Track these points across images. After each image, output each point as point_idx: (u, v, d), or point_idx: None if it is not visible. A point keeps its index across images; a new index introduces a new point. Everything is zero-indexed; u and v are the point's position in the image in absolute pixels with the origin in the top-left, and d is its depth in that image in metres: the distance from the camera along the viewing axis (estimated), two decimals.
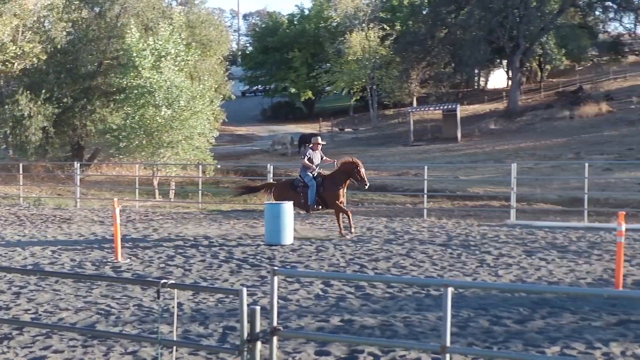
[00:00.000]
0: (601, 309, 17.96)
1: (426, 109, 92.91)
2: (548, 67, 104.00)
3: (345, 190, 31.22)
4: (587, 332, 16.18)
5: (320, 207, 30.82)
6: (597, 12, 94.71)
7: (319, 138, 32.62)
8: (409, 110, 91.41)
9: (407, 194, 47.19)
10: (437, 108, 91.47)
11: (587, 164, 38.53)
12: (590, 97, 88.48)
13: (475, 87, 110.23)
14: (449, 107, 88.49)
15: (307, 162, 30.68)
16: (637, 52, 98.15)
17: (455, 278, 22.14)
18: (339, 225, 30.27)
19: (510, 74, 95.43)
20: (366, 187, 31.11)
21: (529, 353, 14.90)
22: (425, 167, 40.92)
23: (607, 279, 21.61)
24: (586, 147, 66.82)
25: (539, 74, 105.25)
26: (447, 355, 8.88)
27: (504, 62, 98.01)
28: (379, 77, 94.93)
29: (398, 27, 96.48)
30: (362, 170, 30.06)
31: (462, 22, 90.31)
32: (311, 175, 30.42)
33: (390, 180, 53.75)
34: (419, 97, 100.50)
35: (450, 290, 8.90)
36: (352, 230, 30.27)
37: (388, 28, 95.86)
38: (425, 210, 38.29)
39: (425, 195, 39.58)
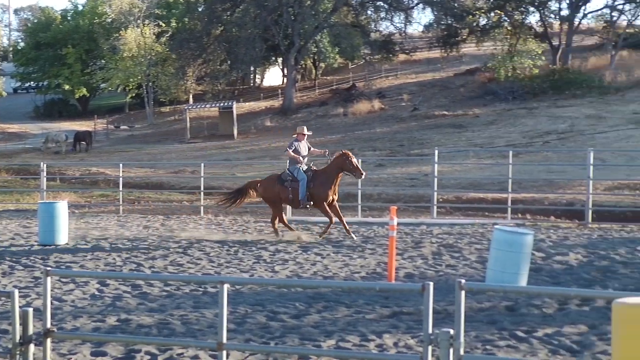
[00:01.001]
0: (375, 302, 18.20)
1: (203, 106, 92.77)
2: (322, 65, 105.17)
3: (337, 187, 28.74)
4: (361, 325, 16.37)
5: (311, 202, 28.49)
6: (369, 12, 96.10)
7: (304, 128, 30.09)
8: (186, 108, 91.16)
9: (184, 191, 47.12)
10: (213, 105, 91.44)
11: (360, 160, 39.09)
12: (363, 94, 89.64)
13: (251, 84, 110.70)
14: (226, 104, 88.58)
15: (292, 153, 28.72)
16: (407, 51, 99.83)
17: (232, 275, 22.16)
18: (328, 226, 28.56)
19: (285, 71, 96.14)
20: (362, 176, 29.11)
21: (305, 347, 14.98)
22: (202, 164, 40.92)
23: (381, 272, 21.94)
24: (359, 144, 67.67)
25: (314, 72, 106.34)
26: (224, 352, 8.81)
27: (280, 60, 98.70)
28: (154, 74, 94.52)
29: (174, 24, 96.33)
30: (354, 159, 28.50)
31: (238, 19, 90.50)
32: (300, 168, 28.57)
33: (167, 178, 53.58)
34: (195, 95, 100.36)
35: (226, 287, 8.86)
36: (323, 235, 28.26)
37: (164, 25, 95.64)
38: (202, 208, 38.30)
39: (202, 193, 39.57)
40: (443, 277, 20.81)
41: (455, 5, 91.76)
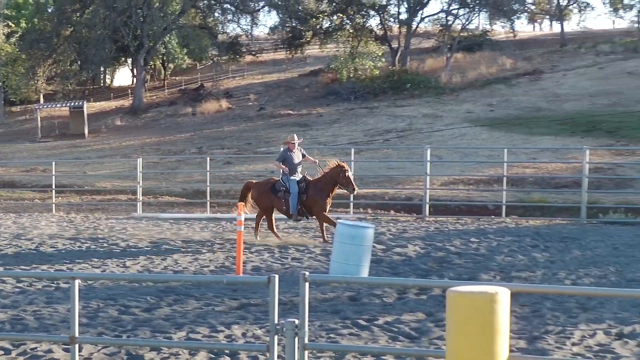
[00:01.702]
0: (223, 295, 18.26)
1: (53, 106, 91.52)
2: (171, 65, 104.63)
3: (331, 199, 26.67)
4: (210, 317, 16.41)
5: (304, 217, 26.70)
6: (216, 14, 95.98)
7: (294, 136, 27.25)
8: (36, 108, 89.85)
9: (35, 189, 46.52)
10: (64, 105, 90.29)
11: (208, 158, 39.06)
12: (211, 94, 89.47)
13: (102, 84, 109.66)
14: (76, 104, 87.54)
15: (277, 163, 26.80)
16: (253, 52, 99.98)
17: (84, 270, 22.02)
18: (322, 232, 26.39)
19: (135, 72, 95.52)
20: (354, 192, 27.10)
21: (157, 339, 14.97)
22: (53, 163, 40.50)
23: (229, 266, 22.00)
24: (208, 142, 67.56)
25: (163, 72, 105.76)
26: (77, 346, 8.79)
27: (129, 60, 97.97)
28: (4, 74, 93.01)
29: (23, 25, 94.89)
30: (349, 173, 26.35)
31: (87, 20, 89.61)
32: (293, 179, 26.33)
33: (19, 177, 52.78)
34: (46, 94, 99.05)
35: (77, 282, 8.84)
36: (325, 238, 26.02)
37: (13, 25, 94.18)
38: (53, 205, 37.93)
39: (54, 191, 39.18)
40: (289, 269, 20.94)
41: (299, 8, 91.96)
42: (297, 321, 8.21)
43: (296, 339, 8.21)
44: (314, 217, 26.65)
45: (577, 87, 75.81)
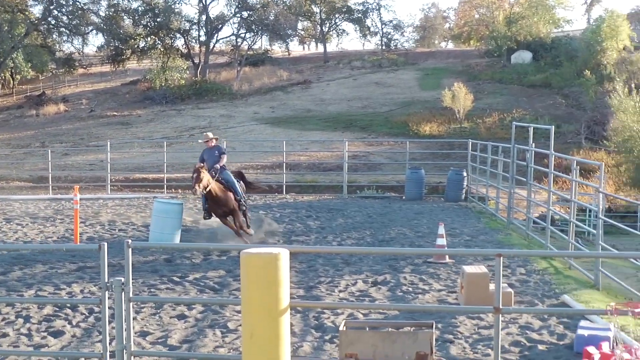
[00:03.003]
0: (64, 260, 17.91)
1: None
2: (18, 76, 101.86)
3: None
4: (54, 278, 16.12)
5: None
6: (54, 36, 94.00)
7: (210, 134, 22.01)
8: None
9: None
10: None
11: (50, 151, 38.17)
12: (51, 99, 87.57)
13: None
14: None
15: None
16: (84, 66, 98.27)
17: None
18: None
19: None
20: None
21: (11, 297, 14.60)
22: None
23: (69, 236, 21.58)
24: (49, 138, 66.26)
25: (12, 81, 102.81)
26: None
27: None
28: None
29: None
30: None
31: None
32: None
33: None
34: None
35: None
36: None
37: None
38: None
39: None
40: (117, 238, 20.69)
41: (121, 31, 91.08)
42: (123, 279, 8.07)
43: (123, 293, 8.08)
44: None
45: (337, 94, 76.89)
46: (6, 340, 12.08)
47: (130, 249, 8.22)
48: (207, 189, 19.36)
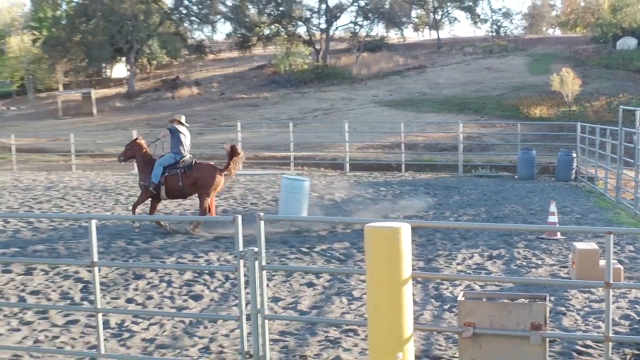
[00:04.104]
0: (203, 230, 18.30)
1: (69, 92, 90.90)
2: (154, 62, 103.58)
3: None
4: (193, 247, 16.52)
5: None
6: (185, 24, 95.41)
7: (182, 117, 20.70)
8: (57, 94, 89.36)
9: (60, 154, 45.89)
10: (77, 92, 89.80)
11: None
12: (185, 83, 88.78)
13: (104, 76, 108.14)
14: (86, 91, 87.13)
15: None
16: (214, 52, 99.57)
17: (99, 213, 21.94)
18: None
19: (128, 67, 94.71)
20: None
21: (154, 262, 15.04)
22: (72, 134, 40.10)
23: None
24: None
25: (149, 67, 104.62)
26: (96, 268, 8.80)
27: (124, 58, 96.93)
28: (33, 70, 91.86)
29: (45, 33, 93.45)
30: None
31: (92, 29, 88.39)
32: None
33: (48, 145, 52.21)
34: (64, 84, 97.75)
35: (94, 222, 8.81)
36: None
37: (37, 33, 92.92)
38: (73, 166, 37.58)
39: (73, 155, 38.77)
40: (248, 211, 20.99)
41: (247, 20, 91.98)
42: (256, 249, 8.28)
43: (256, 262, 8.28)
44: None
45: (451, 78, 76.08)
46: (151, 302, 12.49)
47: (262, 222, 8.41)
48: None
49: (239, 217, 8.25)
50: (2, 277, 14.07)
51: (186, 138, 19.41)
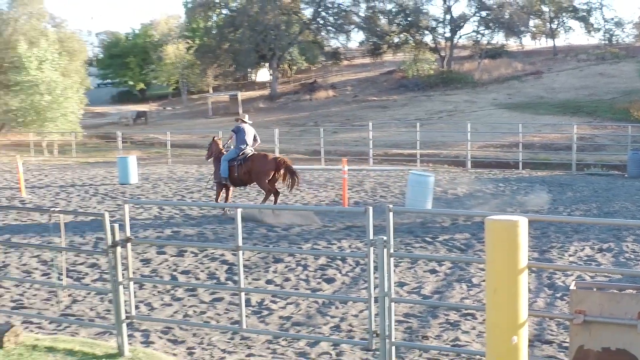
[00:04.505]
0: (335, 220, 18.38)
1: (219, 94, 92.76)
2: (294, 67, 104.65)
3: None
4: (327, 235, 16.57)
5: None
6: (322, 33, 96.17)
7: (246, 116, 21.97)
8: (208, 96, 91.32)
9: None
10: (225, 94, 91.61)
11: (322, 129, 39.07)
12: (321, 86, 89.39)
13: (249, 80, 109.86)
14: (233, 93, 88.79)
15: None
16: (348, 58, 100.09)
17: (243, 202, 22.27)
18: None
19: (270, 72, 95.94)
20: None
21: (292, 248, 15.16)
22: (220, 132, 40.78)
23: (338, 201, 22.08)
24: (321, 118, 67.70)
25: (289, 72, 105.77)
26: (240, 252, 8.91)
27: (267, 64, 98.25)
28: (187, 74, 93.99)
29: (197, 41, 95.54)
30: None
31: (239, 38, 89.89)
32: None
33: (199, 141, 53.18)
34: (214, 87, 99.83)
35: (239, 210, 8.91)
36: None
37: (191, 42, 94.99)
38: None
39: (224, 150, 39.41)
40: (378, 203, 20.94)
41: (378, 29, 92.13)
42: (385, 238, 8.24)
43: (385, 250, 8.23)
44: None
45: (566, 83, 74.43)
46: (288, 284, 12.60)
47: (391, 213, 8.36)
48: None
49: (370, 208, 8.22)
50: (157, 258, 14.46)
51: (247, 134, 20.39)
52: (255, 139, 20.67)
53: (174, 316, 10.94)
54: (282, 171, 19.64)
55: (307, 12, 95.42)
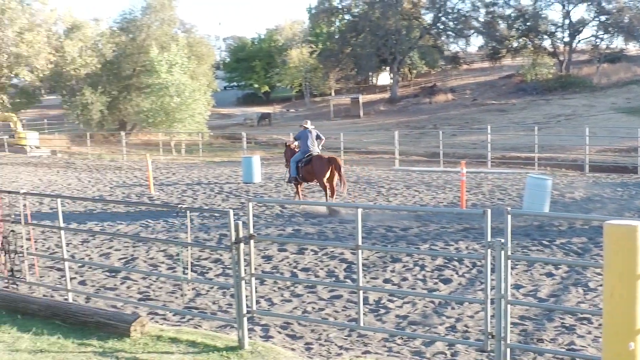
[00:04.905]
0: (453, 221, 18.15)
1: (340, 97, 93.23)
2: (414, 71, 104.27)
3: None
4: (444, 236, 16.38)
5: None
6: (442, 38, 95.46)
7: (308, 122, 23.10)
8: (329, 98, 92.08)
9: (330, 150, 46.84)
10: (346, 97, 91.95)
11: (441, 132, 38.78)
12: (441, 90, 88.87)
13: (370, 83, 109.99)
14: (354, 96, 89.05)
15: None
16: (468, 63, 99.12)
17: (363, 203, 22.25)
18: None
19: (391, 75, 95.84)
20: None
21: (409, 248, 15.06)
22: (341, 133, 40.97)
23: (456, 202, 21.82)
24: (440, 121, 67.33)
25: (409, 75, 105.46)
26: (360, 251, 8.89)
27: (387, 68, 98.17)
28: (309, 77, 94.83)
29: (320, 46, 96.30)
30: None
31: (360, 43, 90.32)
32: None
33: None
34: (335, 90, 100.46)
35: (360, 210, 8.90)
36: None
37: (314, 47, 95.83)
38: (342, 161, 38.32)
39: (342, 151, 39.63)
40: (496, 205, 20.61)
41: (497, 34, 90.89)
42: (502, 240, 8.08)
43: (502, 252, 8.08)
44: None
45: None
46: (405, 283, 12.52)
47: (509, 216, 8.20)
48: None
49: (488, 210, 8.09)
50: (278, 255, 14.60)
51: (310, 138, 21.82)
52: (319, 138, 22.26)
53: (293, 312, 11.00)
54: (333, 170, 21.10)
55: (428, 17, 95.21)
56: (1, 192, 11.82)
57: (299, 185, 22.13)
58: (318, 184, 22.02)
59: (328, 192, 21.08)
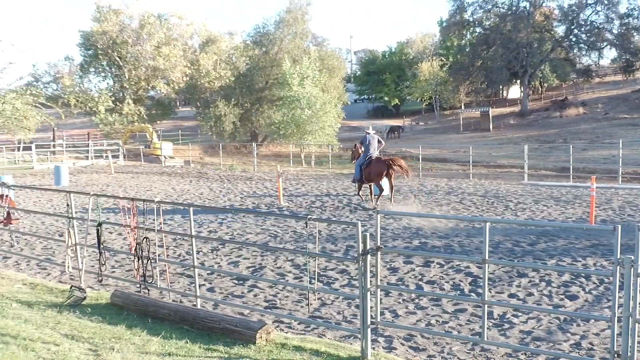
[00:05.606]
0: (581, 237, 17.69)
1: (470, 110, 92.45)
2: (545, 84, 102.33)
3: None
4: (572, 251, 15.97)
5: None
6: (574, 50, 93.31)
7: (369, 127, 25.41)
8: (459, 111, 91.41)
9: (459, 163, 46.86)
10: (476, 110, 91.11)
11: (571, 146, 37.83)
12: (572, 103, 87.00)
13: (500, 97, 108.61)
14: (484, 109, 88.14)
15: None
16: (600, 76, 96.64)
17: (491, 216, 21.94)
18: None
19: (522, 88, 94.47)
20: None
21: (536, 263, 14.76)
22: (470, 147, 40.56)
23: (585, 218, 21.24)
24: (570, 135, 65.73)
25: (540, 89, 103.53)
26: (486, 265, 8.78)
27: (518, 81, 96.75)
28: (439, 90, 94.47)
29: (451, 59, 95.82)
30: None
31: (491, 56, 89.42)
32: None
33: (449, 155, 53.43)
34: (465, 103, 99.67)
35: (487, 224, 8.78)
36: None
37: (445, 60, 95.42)
38: (470, 174, 37.94)
39: (471, 165, 39.20)
40: (626, 222, 19.96)
41: (631, 46, 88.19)
42: (632, 257, 7.82)
43: (632, 269, 7.82)
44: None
45: None
46: (531, 299, 12.26)
47: None
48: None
49: (619, 227, 7.83)
50: (404, 267, 14.56)
51: (372, 142, 24.30)
52: (380, 142, 24.65)
53: (416, 324, 10.97)
54: (395, 167, 23.44)
55: (560, 30, 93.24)
56: (136, 200, 12.19)
57: (362, 184, 24.98)
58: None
59: (388, 191, 24.15)
